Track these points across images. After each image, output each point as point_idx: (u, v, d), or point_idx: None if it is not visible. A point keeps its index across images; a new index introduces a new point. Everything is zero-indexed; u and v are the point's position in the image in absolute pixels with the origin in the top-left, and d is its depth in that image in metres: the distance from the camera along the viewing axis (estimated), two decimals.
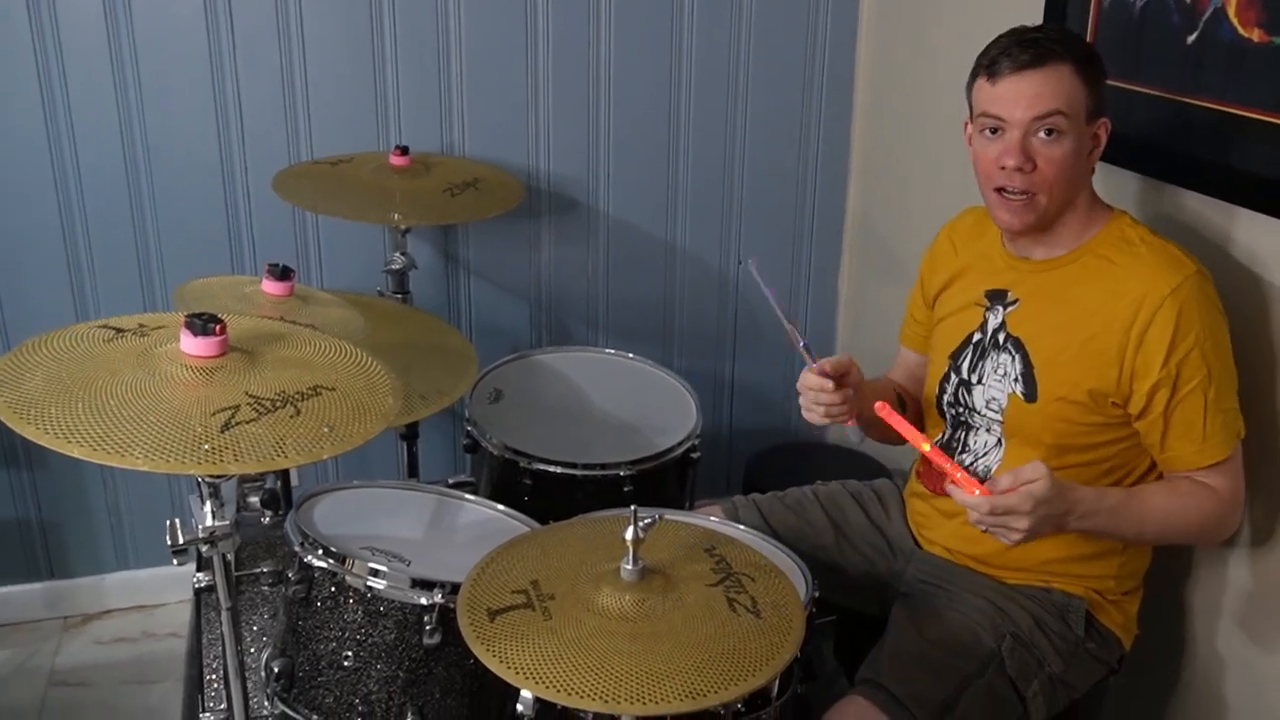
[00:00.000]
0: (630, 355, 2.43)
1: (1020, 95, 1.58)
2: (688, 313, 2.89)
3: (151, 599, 2.72)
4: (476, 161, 2.57)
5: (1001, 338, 1.73)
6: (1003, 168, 1.61)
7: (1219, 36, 1.71)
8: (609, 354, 2.47)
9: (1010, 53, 1.59)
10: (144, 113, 2.40)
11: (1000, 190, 1.63)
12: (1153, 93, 1.85)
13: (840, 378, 1.70)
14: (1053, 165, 1.59)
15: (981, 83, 1.63)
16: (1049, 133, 1.58)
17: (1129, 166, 1.92)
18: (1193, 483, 1.62)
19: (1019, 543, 1.50)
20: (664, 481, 2.11)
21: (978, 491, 1.47)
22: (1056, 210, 1.65)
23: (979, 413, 1.75)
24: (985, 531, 1.51)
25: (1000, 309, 1.74)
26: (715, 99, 2.73)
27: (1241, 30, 1.67)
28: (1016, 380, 1.70)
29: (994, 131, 1.62)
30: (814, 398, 1.69)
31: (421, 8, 2.48)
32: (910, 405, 1.96)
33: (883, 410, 1.55)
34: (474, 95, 2.57)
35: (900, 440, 1.94)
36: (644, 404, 2.28)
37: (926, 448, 1.54)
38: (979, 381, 1.75)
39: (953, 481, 1.50)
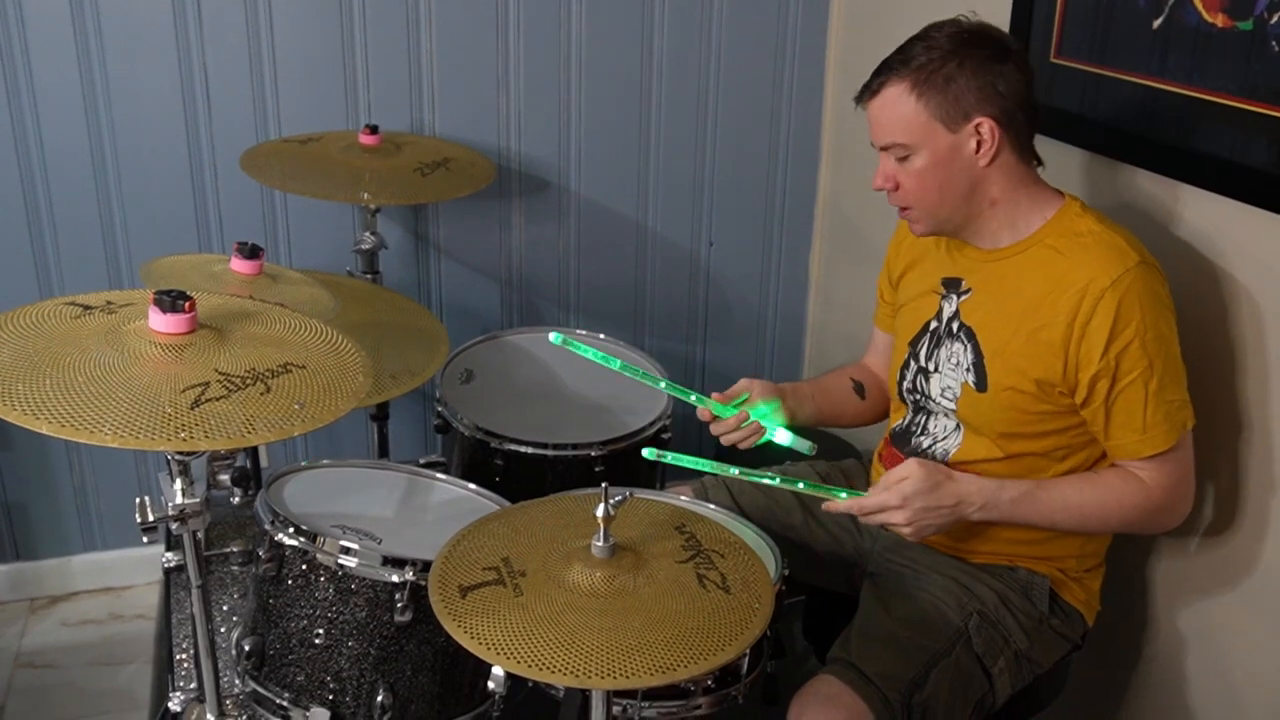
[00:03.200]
0: (601, 336, 2.43)
1: (871, 123, 1.66)
2: (658, 294, 2.90)
3: (119, 581, 2.70)
4: (447, 141, 2.56)
5: (955, 326, 1.74)
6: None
7: (1185, 21, 1.72)
8: (580, 334, 2.47)
9: (868, 81, 1.65)
10: (109, 88, 2.37)
11: None
12: (1119, 76, 1.87)
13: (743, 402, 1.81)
14: (911, 182, 1.65)
15: None
16: (900, 157, 1.64)
17: (1096, 150, 1.94)
18: (1121, 474, 1.65)
19: (914, 537, 1.62)
20: (635, 462, 2.11)
21: (844, 495, 1.63)
22: (953, 217, 1.68)
23: (934, 400, 1.77)
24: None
25: (955, 297, 1.75)
26: (687, 80, 2.73)
27: (1206, 15, 1.68)
28: (969, 370, 1.71)
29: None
30: (722, 436, 1.82)
31: None
32: (871, 389, 1.98)
33: None
34: (444, 74, 2.56)
35: (854, 420, 1.99)
36: (615, 385, 2.28)
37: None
38: (935, 370, 1.76)
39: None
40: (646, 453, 1.69)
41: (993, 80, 1.60)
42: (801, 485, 1.68)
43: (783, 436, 1.78)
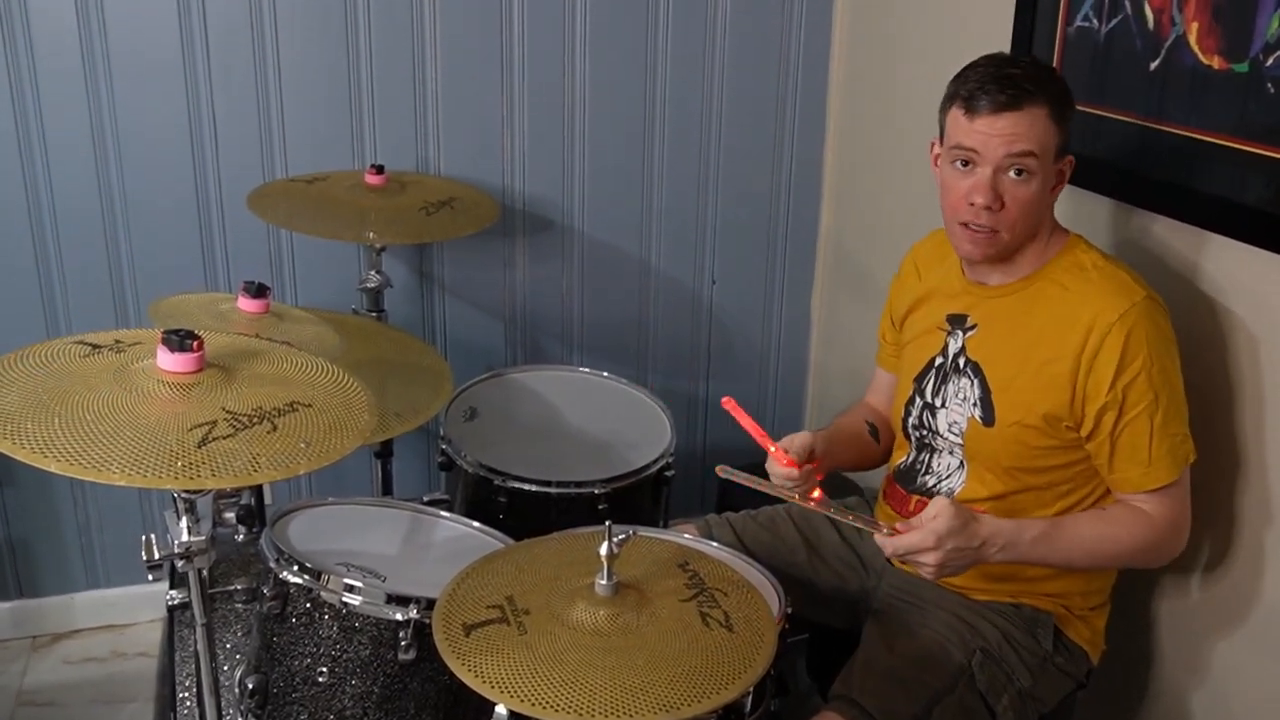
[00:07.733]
0: (605, 374, 2.44)
1: (997, 134, 1.59)
2: (662, 331, 2.91)
3: (121, 618, 2.70)
4: (452, 180, 2.58)
5: (961, 362, 1.75)
6: (972, 204, 1.62)
7: (1181, 63, 1.74)
8: (584, 372, 2.48)
9: (988, 90, 1.59)
10: (118, 129, 2.40)
11: (965, 223, 1.65)
12: (1118, 117, 1.89)
13: (807, 458, 1.73)
14: (1019, 204, 1.62)
15: (957, 114, 1.63)
16: (1019, 172, 1.60)
17: (1095, 190, 1.95)
18: (1129, 510, 1.65)
19: (934, 577, 1.57)
20: (639, 499, 2.12)
21: (886, 531, 1.57)
22: (1018, 244, 1.68)
23: (941, 436, 1.78)
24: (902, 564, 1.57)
25: (960, 333, 1.77)
26: (689, 119, 2.75)
27: (1202, 58, 1.70)
28: (975, 404, 1.72)
29: (965, 164, 1.63)
30: (782, 483, 1.72)
31: (397, 27, 2.50)
32: (883, 432, 1.97)
33: (728, 405, 1.69)
34: (449, 114, 2.59)
35: (868, 465, 1.98)
36: (618, 422, 2.29)
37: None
38: (942, 405, 1.77)
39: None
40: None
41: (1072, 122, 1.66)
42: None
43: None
